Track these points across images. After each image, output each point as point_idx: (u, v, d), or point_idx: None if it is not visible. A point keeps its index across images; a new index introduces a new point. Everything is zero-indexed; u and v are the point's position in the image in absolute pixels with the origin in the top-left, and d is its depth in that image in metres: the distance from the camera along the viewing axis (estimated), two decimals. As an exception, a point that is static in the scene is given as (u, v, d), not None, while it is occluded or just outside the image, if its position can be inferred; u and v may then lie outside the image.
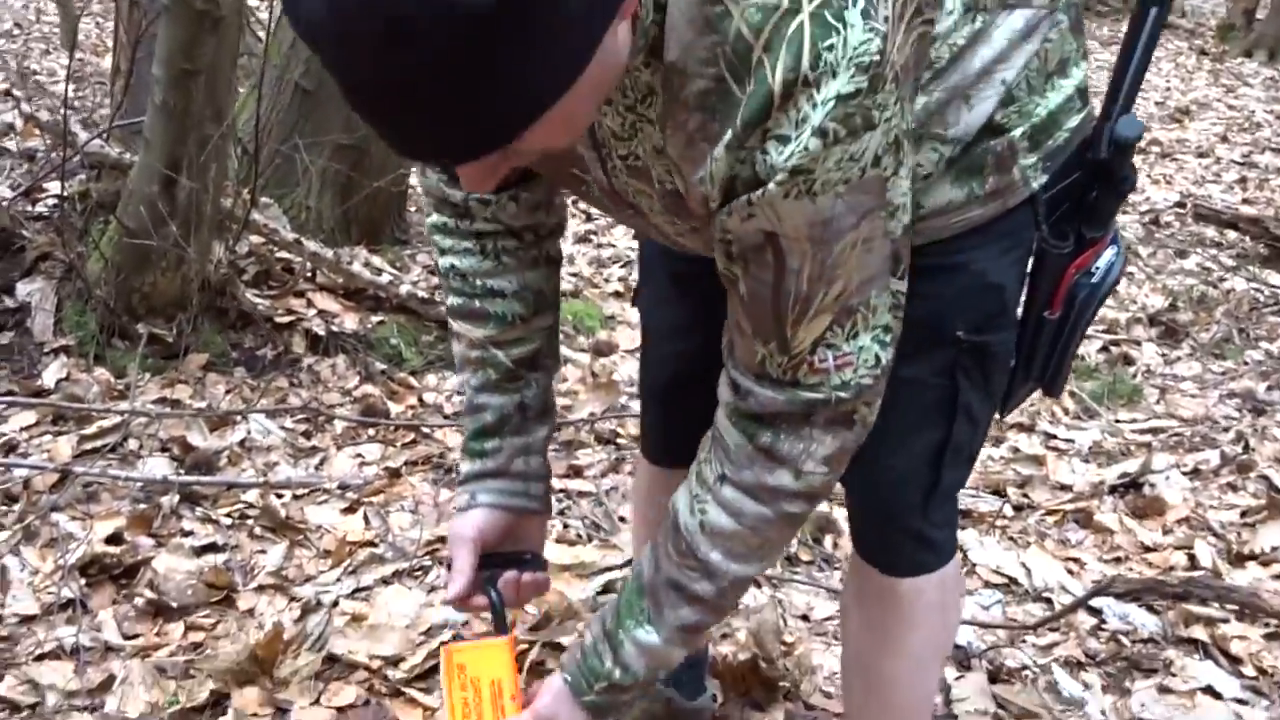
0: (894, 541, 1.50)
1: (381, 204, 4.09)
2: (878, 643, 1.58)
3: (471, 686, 1.38)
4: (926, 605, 1.53)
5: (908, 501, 1.45)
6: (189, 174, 3.05)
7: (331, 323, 3.49)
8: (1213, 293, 5.12)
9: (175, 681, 2.05)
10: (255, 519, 2.61)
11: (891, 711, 1.63)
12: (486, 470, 1.48)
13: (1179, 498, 3.06)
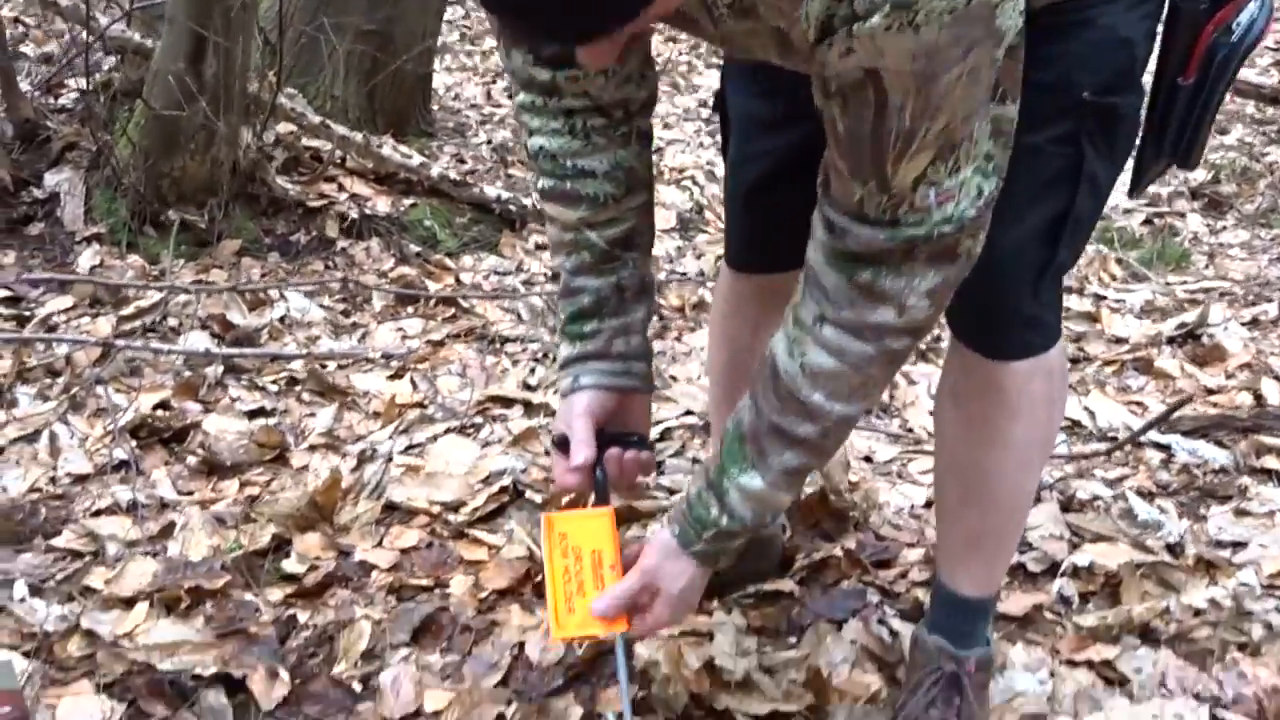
0: (1002, 323, 1.44)
1: (407, 92, 4.01)
2: (980, 437, 1.52)
3: (573, 554, 1.36)
4: (1032, 395, 1.48)
5: (1020, 279, 1.39)
6: (215, 50, 2.98)
7: (364, 206, 3.43)
8: (1255, 166, 5.01)
9: (235, 530, 2.02)
10: (302, 385, 2.58)
11: (993, 511, 1.57)
12: (587, 353, 1.44)
13: (1239, 346, 2.99)
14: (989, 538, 1.60)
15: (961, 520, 1.60)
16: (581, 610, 1.34)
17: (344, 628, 1.77)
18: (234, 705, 1.63)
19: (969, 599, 1.61)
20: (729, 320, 1.82)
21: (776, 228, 1.63)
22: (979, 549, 1.60)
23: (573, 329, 1.45)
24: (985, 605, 1.63)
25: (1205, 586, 1.96)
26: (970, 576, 1.61)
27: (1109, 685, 1.74)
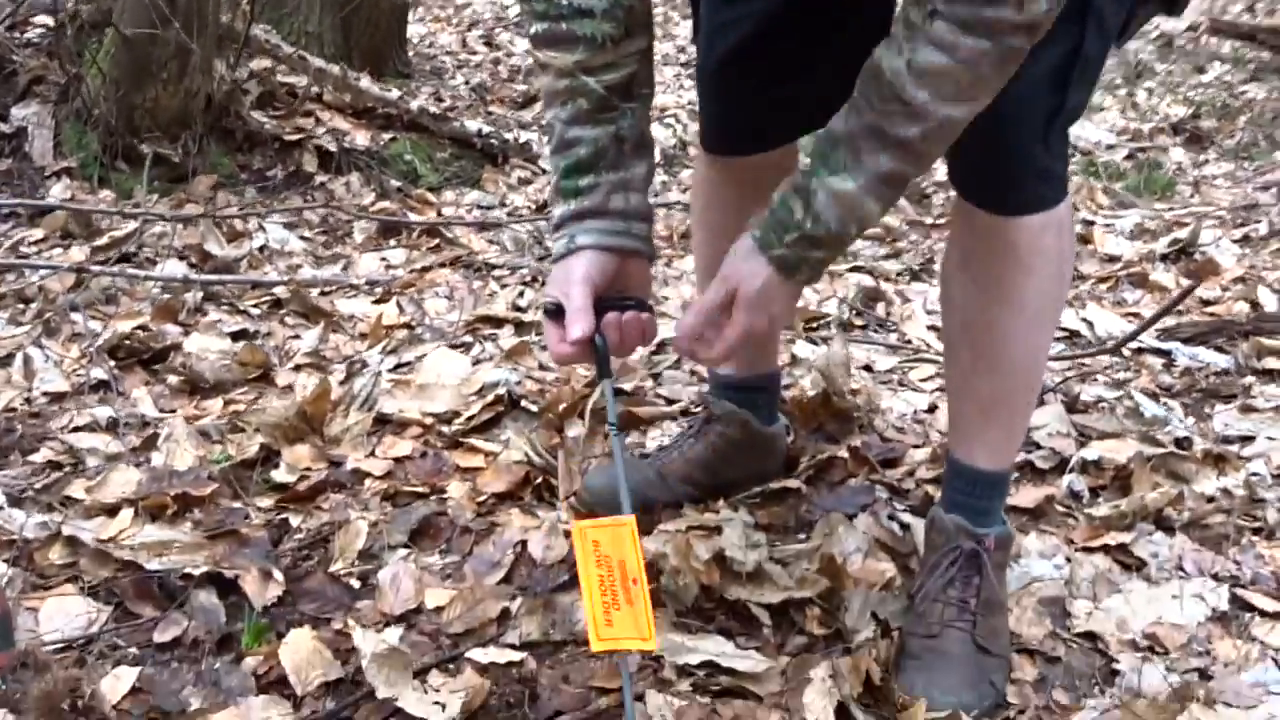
0: (1013, 175, 1.39)
1: (383, 30, 3.92)
2: (994, 299, 1.47)
3: (606, 565, 1.27)
4: (1044, 251, 1.44)
5: (1030, 127, 1.35)
6: (185, -28, 2.89)
7: (342, 140, 3.35)
8: (1234, 103, 5.00)
9: (221, 443, 1.95)
10: (285, 308, 2.50)
11: (1009, 375, 1.53)
12: (584, 209, 1.34)
13: (1231, 261, 2.98)
14: (1004, 405, 1.56)
15: (976, 389, 1.55)
16: (620, 622, 1.26)
17: (339, 529, 1.71)
18: (226, 605, 1.57)
19: (986, 472, 1.57)
20: (710, 210, 1.76)
21: (750, 103, 1.60)
22: (994, 417, 1.56)
23: (568, 184, 1.35)
24: (1002, 480, 1.59)
25: (1216, 477, 1.93)
26: (986, 448, 1.56)
27: (1125, 569, 1.71)
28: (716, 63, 1.60)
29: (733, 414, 1.83)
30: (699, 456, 1.83)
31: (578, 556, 1.29)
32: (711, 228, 1.76)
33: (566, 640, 1.53)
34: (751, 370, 1.83)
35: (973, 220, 1.46)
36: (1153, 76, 5.26)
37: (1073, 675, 1.52)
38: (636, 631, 1.25)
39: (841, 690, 1.42)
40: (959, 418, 1.60)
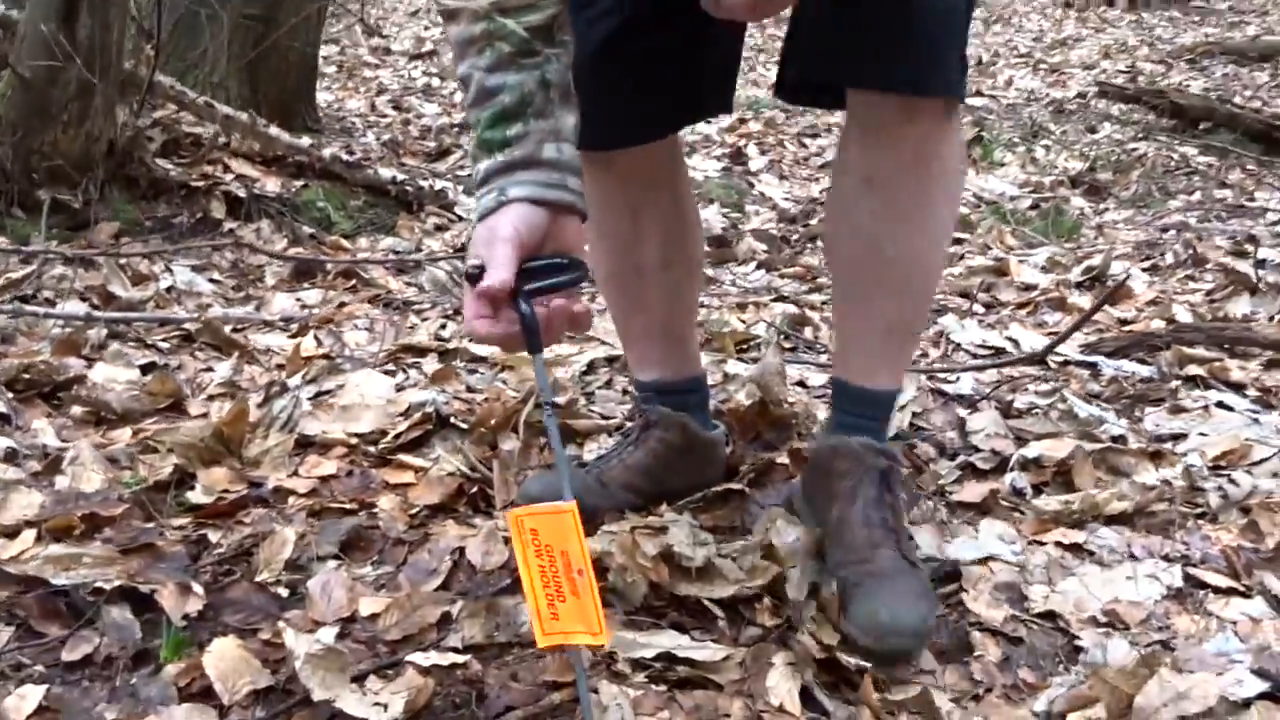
0: (946, 59, 1.40)
1: (292, 85, 3.87)
2: (902, 219, 1.47)
3: (547, 555, 1.18)
4: (947, 172, 1.48)
5: (958, 10, 1.40)
6: (89, 6, 2.81)
7: (252, 187, 3.26)
8: (1126, 158, 5.18)
9: (131, 469, 1.83)
10: (196, 341, 2.39)
11: (914, 296, 1.55)
12: (514, 161, 1.24)
13: (1143, 286, 3.04)
14: (906, 325, 1.58)
15: (881, 311, 1.55)
16: (566, 615, 1.17)
17: (263, 540, 1.60)
18: (141, 622, 1.44)
19: (885, 392, 1.59)
20: (604, 217, 1.69)
21: (628, 93, 1.56)
22: (895, 337, 1.57)
23: (493, 135, 1.25)
24: (896, 396, 1.62)
25: (1155, 469, 1.93)
26: (887, 368, 1.58)
27: (1077, 555, 1.68)
28: (591, 54, 1.52)
29: (670, 418, 1.77)
30: (639, 463, 1.77)
31: (515, 547, 1.19)
32: (610, 235, 1.72)
33: (512, 642, 1.44)
34: (677, 374, 1.80)
35: (881, 137, 1.45)
36: (1048, 135, 5.44)
37: (1036, 655, 1.48)
38: (585, 625, 1.16)
39: (804, 675, 1.37)
40: (857, 342, 1.59)
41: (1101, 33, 11.36)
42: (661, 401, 1.78)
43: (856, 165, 1.50)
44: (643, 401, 1.82)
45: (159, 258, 2.92)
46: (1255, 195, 4.60)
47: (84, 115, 2.97)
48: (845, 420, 1.60)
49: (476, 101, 1.27)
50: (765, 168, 4.54)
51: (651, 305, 1.74)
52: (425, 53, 7.65)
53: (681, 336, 1.80)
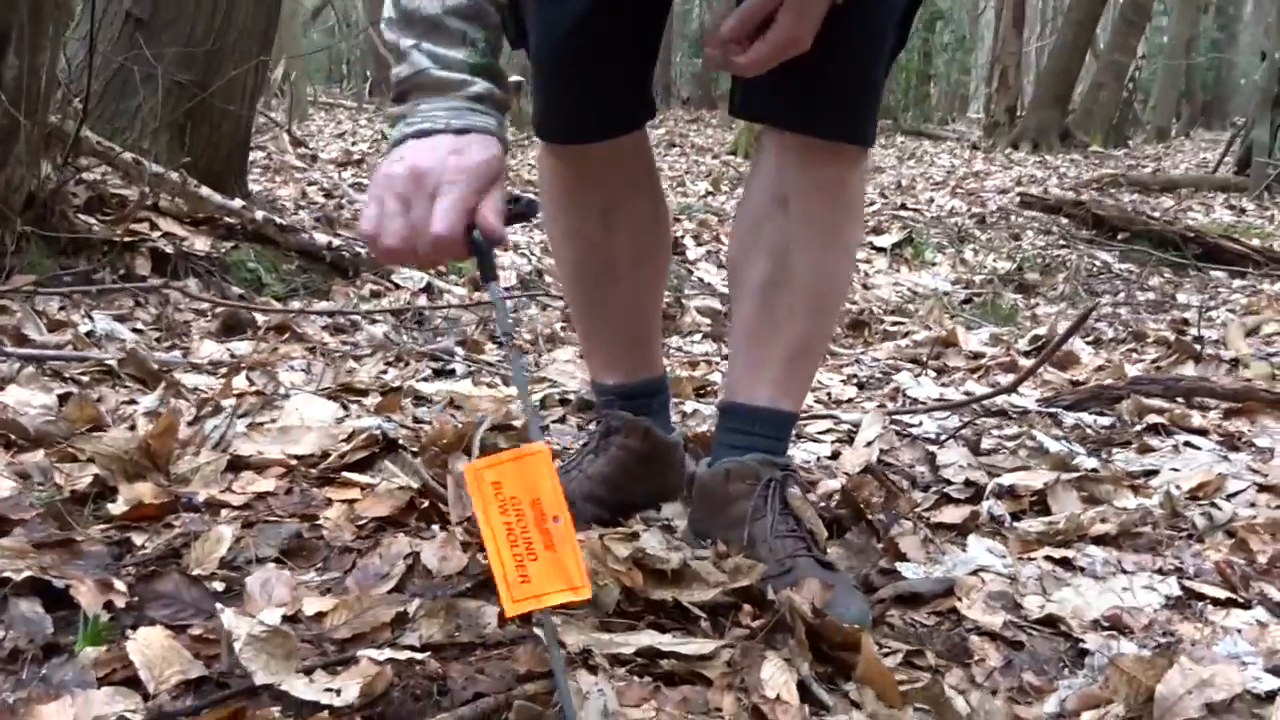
0: (868, 107, 1.47)
1: (224, 155, 3.76)
2: (818, 239, 1.50)
3: (513, 509, 1.06)
4: (860, 195, 1.56)
5: (882, 63, 1.45)
6: (18, 45, 2.71)
7: (180, 245, 3.13)
8: (1052, 261, 5.30)
9: (44, 484, 1.67)
10: (118, 374, 2.23)
11: (825, 316, 1.57)
12: (481, 93, 1.20)
13: (1089, 355, 3.04)
14: (816, 345, 1.58)
15: (789, 332, 1.53)
16: (539, 574, 1.03)
17: (194, 539, 1.45)
18: (54, 619, 1.28)
19: (788, 413, 1.56)
20: (570, 212, 1.65)
21: (604, 74, 1.53)
22: (804, 358, 1.56)
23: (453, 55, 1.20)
24: (794, 422, 1.61)
25: (1134, 496, 1.87)
26: (790, 393, 1.56)
27: (1068, 569, 1.60)
28: (562, 38, 1.50)
29: (633, 423, 1.69)
30: (601, 473, 1.68)
31: (475, 506, 1.06)
32: (576, 232, 1.66)
33: (476, 642, 1.30)
34: (640, 377, 1.73)
35: (805, 161, 1.48)
36: (975, 241, 5.55)
37: (1039, 659, 1.38)
38: (563, 580, 1.02)
39: (800, 669, 1.25)
40: (762, 365, 1.55)
41: (1009, 169, 11.83)
42: (623, 406, 1.70)
43: (770, 186, 1.52)
44: (603, 406, 1.73)
45: (77, 306, 2.76)
46: (1177, 297, 4.71)
47: (3, 162, 2.83)
48: (737, 441, 1.56)
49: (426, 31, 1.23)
50: (703, 257, 4.54)
51: (620, 304, 1.69)
52: (354, 160, 7.62)
53: (647, 338, 1.74)
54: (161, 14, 3.50)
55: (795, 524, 1.50)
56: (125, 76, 3.44)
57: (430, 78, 1.22)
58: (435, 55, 1.22)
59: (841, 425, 2.24)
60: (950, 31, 23.20)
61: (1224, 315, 3.66)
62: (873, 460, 2.00)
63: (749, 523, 1.50)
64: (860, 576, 1.54)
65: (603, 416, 1.72)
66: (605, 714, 1.16)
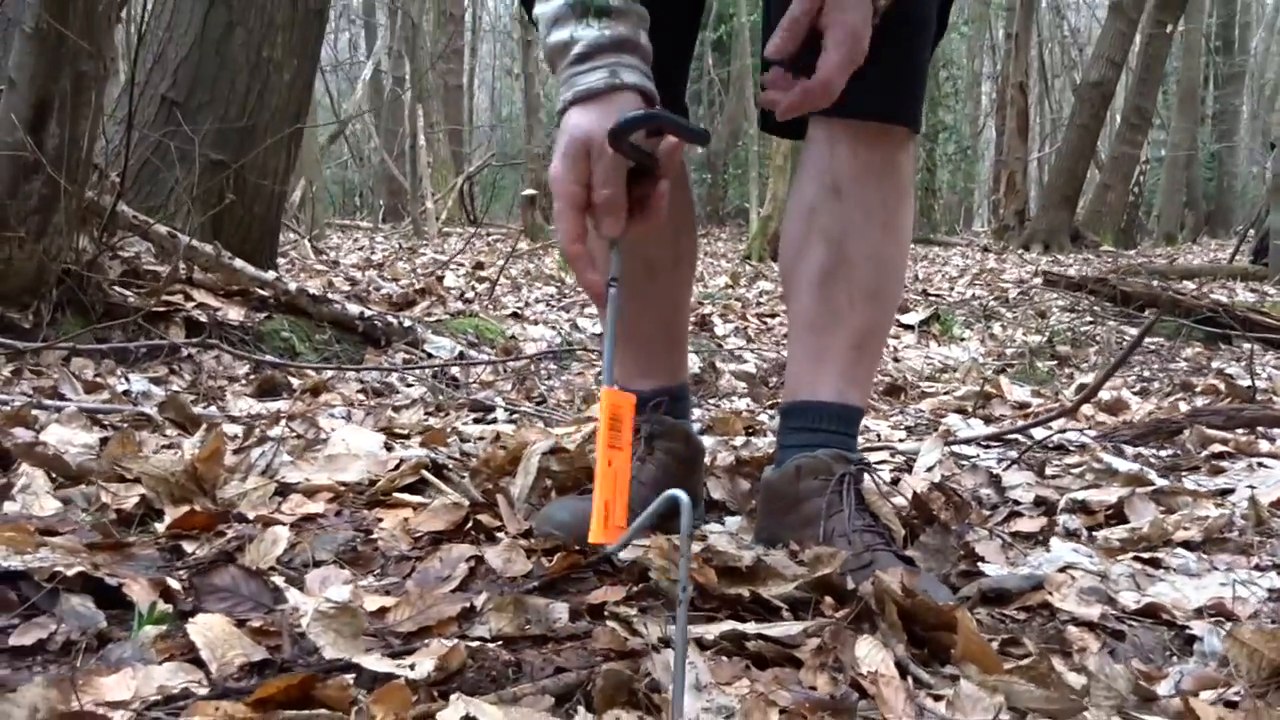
0: (915, 89, 1.48)
1: (256, 235, 3.79)
2: (875, 224, 1.49)
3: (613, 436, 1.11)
4: (911, 179, 1.54)
5: (924, 48, 1.47)
6: (59, 117, 2.74)
7: (214, 315, 3.12)
8: (1081, 336, 5.26)
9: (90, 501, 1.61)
10: (159, 418, 2.19)
11: (886, 304, 1.53)
12: (621, 38, 1.18)
13: (1136, 402, 2.98)
14: (877, 335, 1.54)
15: (852, 322, 1.50)
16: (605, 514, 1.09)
17: (249, 542, 1.39)
18: (107, 616, 1.21)
19: (855, 408, 1.53)
20: None
21: None
22: (867, 349, 1.53)
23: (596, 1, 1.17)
24: (862, 418, 1.57)
25: (1214, 508, 1.80)
26: (856, 385, 1.52)
27: (1158, 567, 1.53)
28: None
29: (676, 427, 1.67)
30: (652, 477, 1.62)
31: (600, 422, 1.10)
32: None
33: (548, 635, 1.23)
34: (675, 380, 1.73)
35: (855, 146, 1.47)
36: (1001, 318, 5.53)
37: (1143, 649, 1.31)
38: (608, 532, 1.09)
39: (896, 650, 1.17)
40: (824, 357, 1.51)
41: (1023, 266, 11.87)
42: (662, 411, 1.68)
43: (822, 175, 1.50)
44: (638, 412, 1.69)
45: (112, 371, 2.73)
46: (1213, 364, 4.65)
47: (42, 231, 2.84)
48: (805, 440, 1.51)
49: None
50: (731, 333, 4.53)
51: (659, 305, 1.69)
52: (375, 264, 7.69)
53: (681, 339, 1.76)
54: (196, 97, 3.56)
55: (872, 519, 1.45)
56: (160, 157, 3.48)
57: (545, 45, 1.22)
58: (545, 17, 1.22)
59: (898, 456, 2.17)
60: (954, 142, 23.57)
61: (1269, 371, 3.61)
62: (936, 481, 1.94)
63: (823, 519, 1.44)
64: (941, 577, 1.46)
65: (644, 422, 1.67)
66: (699, 687, 1.08)
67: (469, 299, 4.61)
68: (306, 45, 3.88)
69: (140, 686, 1.00)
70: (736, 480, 1.86)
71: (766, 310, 5.46)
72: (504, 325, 3.98)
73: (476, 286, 5.27)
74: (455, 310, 4.13)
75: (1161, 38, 14.95)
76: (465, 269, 6.64)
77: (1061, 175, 15.92)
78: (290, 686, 0.98)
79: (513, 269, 6.97)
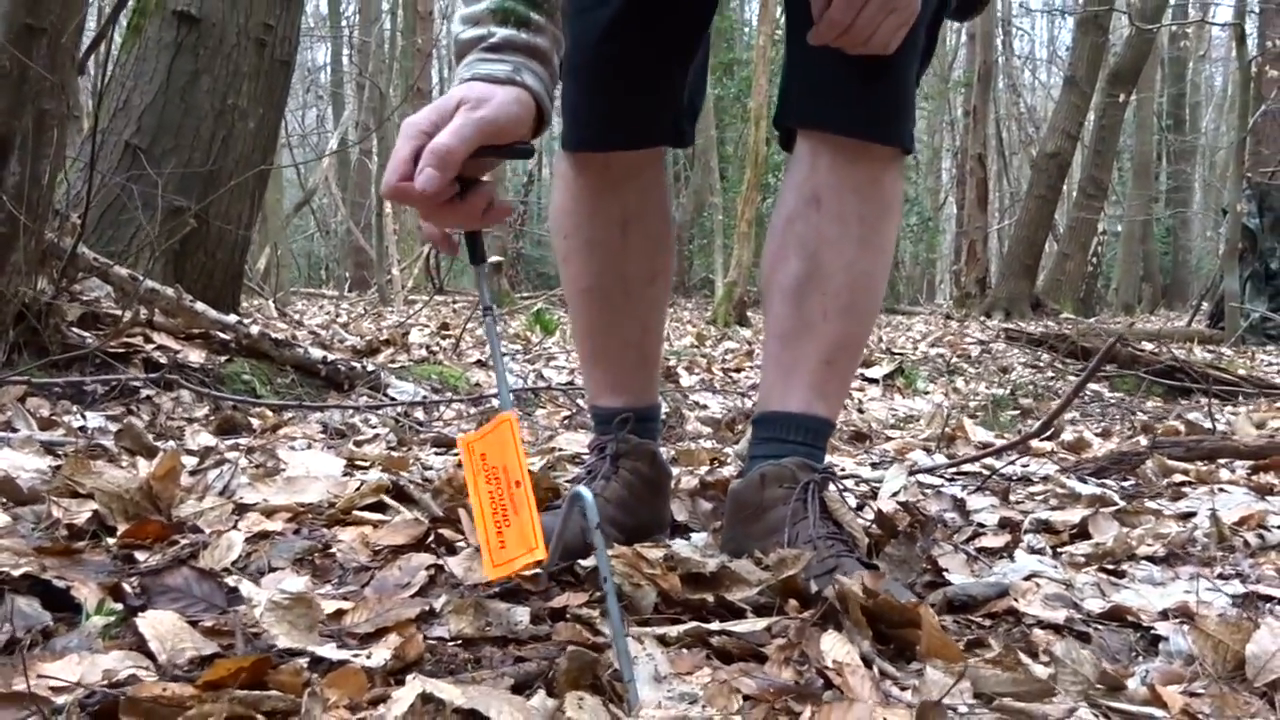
0: (902, 105, 1.47)
1: (218, 281, 3.76)
2: (853, 238, 1.48)
3: (494, 479, 1.12)
4: (897, 195, 1.52)
5: (914, 63, 1.46)
6: (20, 156, 2.72)
7: (174, 357, 3.08)
8: (1045, 390, 5.30)
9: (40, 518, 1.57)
10: (114, 449, 2.15)
11: (862, 318, 1.53)
12: (535, 46, 1.19)
13: (1098, 441, 2.99)
14: (850, 349, 1.53)
15: (825, 334, 1.50)
16: (511, 539, 1.09)
17: (204, 549, 1.36)
18: (54, 617, 1.18)
19: (824, 420, 1.52)
20: (593, 222, 1.65)
21: (628, 87, 1.57)
22: (839, 363, 1.52)
23: (515, 6, 1.19)
24: (832, 430, 1.56)
25: (1175, 525, 1.80)
26: (826, 398, 1.51)
27: (1122, 578, 1.52)
28: (590, 45, 1.55)
29: (642, 447, 1.66)
30: (617, 496, 1.62)
31: (467, 477, 1.13)
32: (598, 243, 1.66)
33: (509, 637, 1.21)
34: (643, 400, 1.71)
35: (837, 161, 1.48)
36: (964, 373, 5.57)
37: (1109, 650, 1.29)
38: (523, 544, 1.06)
39: (861, 646, 1.16)
40: (794, 367, 1.51)
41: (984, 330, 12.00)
42: (628, 429, 1.66)
43: (802, 186, 1.51)
44: (605, 431, 1.69)
45: (69, 410, 2.69)
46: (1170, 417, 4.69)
47: (0, 269, 2.81)
48: (772, 450, 1.51)
49: None
50: (697, 384, 4.53)
51: (632, 321, 1.69)
52: (341, 324, 7.67)
53: (652, 359, 1.74)
54: (160, 143, 3.55)
55: (836, 528, 1.44)
56: (122, 204, 3.46)
57: (458, 41, 1.22)
58: (465, 16, 1.23)
59: (863, 485, 2.17)
60: (916, 214, 23.92)
61: (1228, 417, 3.64)
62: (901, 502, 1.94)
63: (787, 526, 1.43)
64: (906, 585, 1.45)
65: (609, 440, 1.66)
66: (659, 678, 1.07)
67: (433, 350, 4.60)
68: (272, 94, 3.90)
69: (85, 673, 0.97)
70: (698, 501, 1.84)
71: (733, 365, 5.48)
72: (468, 373, 3.96)
73: (441, 343, 5.27)
74: (419, 359, 4.11)
75: (1115, 109, 15.30)
76: (430, 329, 6.63)
77: (1021, 244, 16.16)
78: (241, 670, 0.95)
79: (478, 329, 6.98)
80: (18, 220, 2.76)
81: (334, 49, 24.64)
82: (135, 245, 3.49)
